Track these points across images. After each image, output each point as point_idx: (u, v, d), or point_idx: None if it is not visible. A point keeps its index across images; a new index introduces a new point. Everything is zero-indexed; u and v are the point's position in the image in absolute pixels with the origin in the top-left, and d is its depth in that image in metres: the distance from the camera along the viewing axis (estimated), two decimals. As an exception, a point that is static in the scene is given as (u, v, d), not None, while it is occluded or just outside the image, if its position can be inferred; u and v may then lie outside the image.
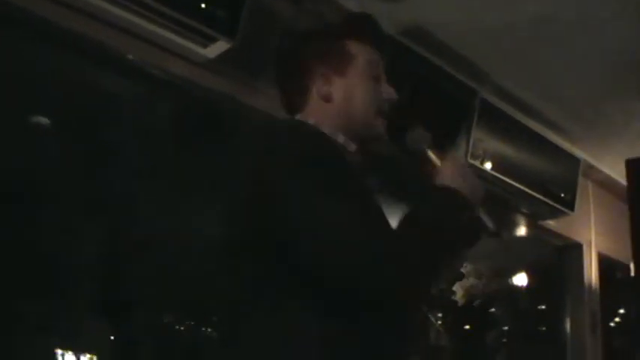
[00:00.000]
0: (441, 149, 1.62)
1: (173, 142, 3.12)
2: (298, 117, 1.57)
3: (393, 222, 1.40)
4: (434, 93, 3.13)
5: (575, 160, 4.01)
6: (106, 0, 2.13)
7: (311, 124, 1.50)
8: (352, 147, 1.56)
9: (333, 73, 1.57)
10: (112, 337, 3.36)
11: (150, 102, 2.97)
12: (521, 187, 3.60)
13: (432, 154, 1.57)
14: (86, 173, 3.08)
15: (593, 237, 4.48)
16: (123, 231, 3.35)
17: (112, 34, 2.28)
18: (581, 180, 4.10)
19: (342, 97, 1.56)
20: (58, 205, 3.03)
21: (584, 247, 4.43)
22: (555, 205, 3.87)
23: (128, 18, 2.20)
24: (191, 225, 3.35)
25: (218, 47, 2.39)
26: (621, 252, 4.40)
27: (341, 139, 1.53)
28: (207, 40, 2.35)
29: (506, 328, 5.77)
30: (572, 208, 4.00)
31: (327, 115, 1.54)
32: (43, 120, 3.09)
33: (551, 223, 4.17)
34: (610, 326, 4.71)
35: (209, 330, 3.90)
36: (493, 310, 5.74)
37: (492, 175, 3.43)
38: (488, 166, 3.40)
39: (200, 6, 2.22)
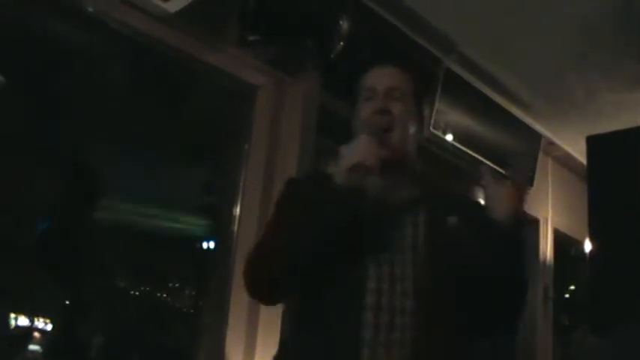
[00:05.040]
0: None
1: (129, 96, 3.05)
2: None
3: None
4: (398, 60, 3.09)
5: (536, 136, 4.04)
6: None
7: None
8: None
9: None
10: (67, 302, 3.30)
11: (107, 55, 2.88)
12: (482, 159, 3.61)
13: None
14: (37, 128, 2.98)
15: (550, 213, 4.53)
16: (76, 190, 3.27)
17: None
18: (541, 156, 4.13)
19: None
20: (8, 162, 2.94)
21: (541, 223, 4.48)
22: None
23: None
24: (147, 183, 3.29)
25: (179, 2, 2.32)
26: (577, 229, 4.47)
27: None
28: (168, -7, 2.28)
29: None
30: (531, 183, 4.02)
31: None
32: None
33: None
34: (559, 301, 4.78)
35: (164, 296, 3.86)
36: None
37: (453, 146, 3.42)
38: (449, 137, 3.39)
39: (161, -44, 2.14)
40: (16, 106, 2.91)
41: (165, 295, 3.90)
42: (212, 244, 3.23)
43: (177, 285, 3.76)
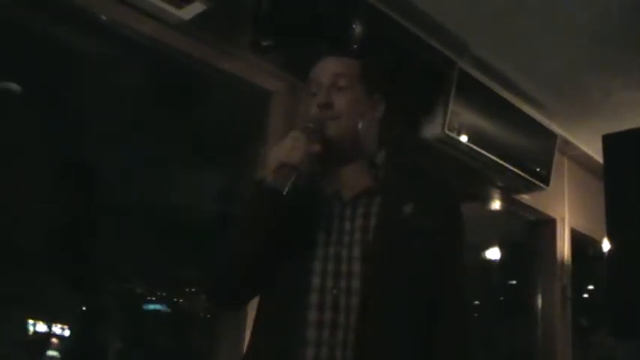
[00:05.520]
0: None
1: (145, 105, 3.06)
2: None
3: None
4: (412, 63, 3.09)
5: (552, 135, 4.01)
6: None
7: None
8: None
9: None
10: (84, 308, 3.32)
11: (120, 63, 2.90)
12: (497, 160, 3.59)
13: None
14: (54, 138, 3.01)
15: (566, 213, 4.50)
16: (94, 198, 3.29)
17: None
18: (557, 155, 4.10)
19: None
20: (26, 171, 2.96)
21: (558, 223, 4.46)
22: (530, 179, 3.87)
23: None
24: (168, 190, 3.30)
25: (193, 9, 2.34)
26: (594, 229, 4.44)
27: None
28: (182, 1, 2.29)
29: (476, 302, 5.81)
30: (547, 183, 4.00)
31: None
32: (14, 86, 3.00)
33: (525, 198, 4.19)
34: (578, 302, 4.75)
35: (181, 301, 3.87)
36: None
37: (468, 147, 3.41)
38: (464, 138, 3.38)
39: (174, -36, 2.16)
40: (31, 115, 2.94)
41: (181, 300, 3.92)
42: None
43: (193, 290, 3.77)
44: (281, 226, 1.52)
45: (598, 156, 3.80)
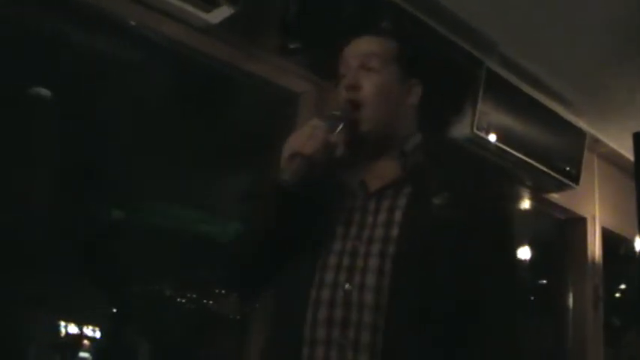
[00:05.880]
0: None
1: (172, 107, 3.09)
2: None
3: None
4: (440, 62, 3.08)
5: (580, 133, 3.97)
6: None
7: None
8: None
9: None
10: (114, 310, 3.36)
11: (149, 68, 2.93)
12: (526, 159, 3.56)
13: None
14: (83, 141, 3.04)
15: (597, 211, 4.45)
16: (124, 200, 3.32)
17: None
18: (586, 153, 4.06)
19: None
20: (54, 175, 3.00)
21: (588, 221, 4.40)
22: (560, 178, 3.84)
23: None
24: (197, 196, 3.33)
25: (221, 12, 2.35)
26: (625, 227, 4.38)
27: None
28: (211, 5, 2.30)
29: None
30: (576, 181, 3.96)
31: None
32: (44, 91, 3.04)
33: (555, 197, 4.15)
34: (610, 301, 4.69)
35: (210, 302, 3.89)
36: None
37: (497, 147, 3.39)
38: (493, 137, 3.36)
39: (203, -32, 2.17)
40: (61, 120, 2.97)
41: (211, 302, 3.94)
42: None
43: (222, 291, 3.79)
44: (293, 218, 1.42)
45: (629, 153, 3.75)
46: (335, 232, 1.47)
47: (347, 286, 1.38)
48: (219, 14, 2.34)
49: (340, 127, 1.45)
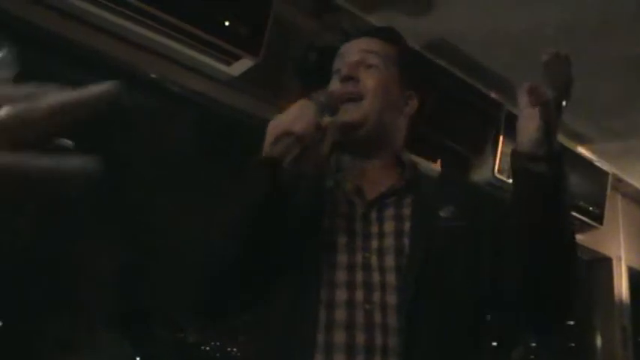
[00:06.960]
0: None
1: (195, 160, 3.12)
2: None
3: None
4: (460, 106, 3.09)
5: (603, 174, 3.95)
6: (130, 20, 2.12)
7: None
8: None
9: None
10: (137, 358, 3.35)
11: (174, 121, 2.96)
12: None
13: None
14: (105, 190, 3.07)
15: (622, 251, 4.40)
16: (146, 246, 3.34)
17: (135, 53, 2.28)
18: (610, 193, 4.03)
19: None
20: (76, 219, 3.03)
21: (614, 262, 4.36)
22: (584, 219, 3.81)
23: (152, 37, 2.20)
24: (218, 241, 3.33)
25: (242, 65, 2.38)
26: (652, 266, 4.34)
27: None
28: (231, 58, 2.34)
29: (533, 344, 5.68)
30: (600, 221, 3.93)
31: None
32: (65, 142, 3.08)
33: (579, 237, 4.10)
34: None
35: (234, 350, 3.87)
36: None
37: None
38: (515, 180, 3.34)
39: (224, 24, 2.20)
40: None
41: (235, 350, 3.91)
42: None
43: (246, 339, 3.76)
44: (283, 212, 1.23)
45: (653, 192, 3.73)
46: (336, 243, 1.31)
47: (367, 306, 1.23)
48: (240, 67, 2.37)
49: (326, 115, 1.31)
